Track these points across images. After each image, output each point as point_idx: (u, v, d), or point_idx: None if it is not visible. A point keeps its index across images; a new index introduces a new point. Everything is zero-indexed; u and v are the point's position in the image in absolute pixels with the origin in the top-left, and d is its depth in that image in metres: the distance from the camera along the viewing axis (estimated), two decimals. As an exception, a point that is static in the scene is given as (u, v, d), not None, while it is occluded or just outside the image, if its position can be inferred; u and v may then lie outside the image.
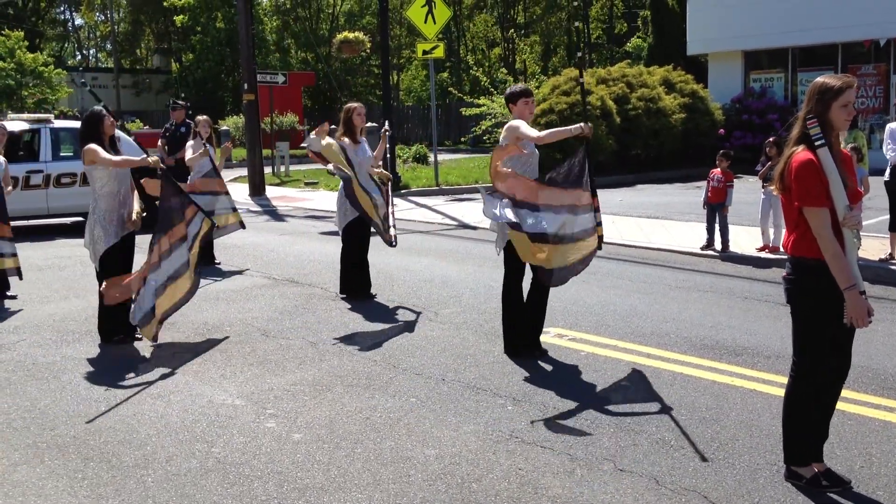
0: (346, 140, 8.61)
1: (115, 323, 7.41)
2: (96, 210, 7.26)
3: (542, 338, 7.17)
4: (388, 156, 19.87)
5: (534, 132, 6.57)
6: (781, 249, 10.54)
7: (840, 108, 4.18)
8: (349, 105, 8.87)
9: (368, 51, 39.44)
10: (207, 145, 11.01)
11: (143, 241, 7.49)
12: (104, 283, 7.10)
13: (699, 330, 7.56)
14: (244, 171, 21.88)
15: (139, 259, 7.54)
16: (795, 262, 4.31)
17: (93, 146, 7.13)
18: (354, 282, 9.05)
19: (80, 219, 14.90)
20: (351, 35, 35.00)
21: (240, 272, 10.57)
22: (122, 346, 7.32)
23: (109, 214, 7.24)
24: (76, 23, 76.68)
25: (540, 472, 4.65)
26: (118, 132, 7.98)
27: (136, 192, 7.55)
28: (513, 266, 6.81)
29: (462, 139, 38.99)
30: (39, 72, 38.76)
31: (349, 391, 6.03)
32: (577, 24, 51.17)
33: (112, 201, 7.26)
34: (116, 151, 7.37)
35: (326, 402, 5.80)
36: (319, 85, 45.30)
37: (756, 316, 8.08)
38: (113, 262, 7.31)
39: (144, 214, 7.54)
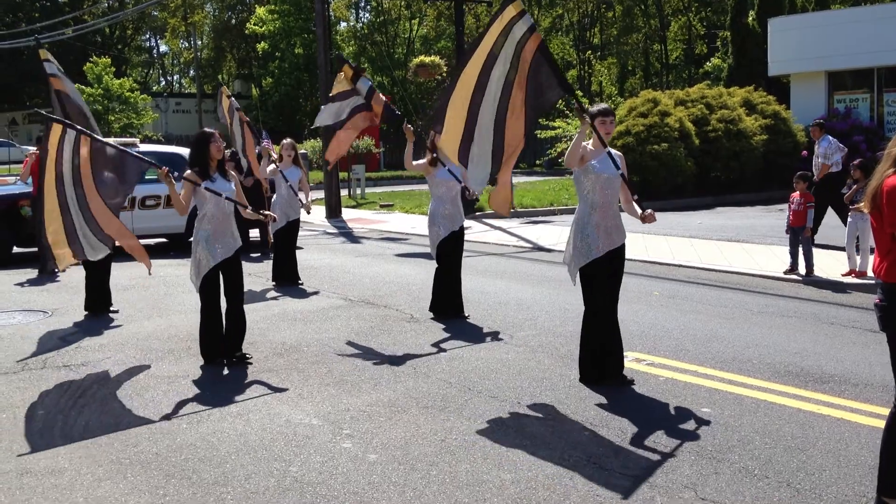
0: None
1: (216, 344, 7.44)
2: (199, 231, 7.30)
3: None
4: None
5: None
6: (869, 274, 10.23)
7: None
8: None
9: (444, 74, 39.71)
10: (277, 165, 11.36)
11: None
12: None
13: (783, 356, 7.36)
14: (321, 194, 22.22)
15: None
16: (889, 288, 4.16)
17: (190, 177, 7.17)
18: (445, 302, 9.08)
19: (164, 240, 15.32)
20: (427, 59, 35.29)
21: (316, 293, 10.68)
22: (208, 365, 7.37)
23: (212, 236, 7.26)
24: (161, 50, 79.21)
25: (618, 498, 4.56)
26: None
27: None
28: (591, 294, 6.58)
29: (537, 161, 38.95)
30: (125, 97, 40.16)
31: (424, 413, 6.03)
32: (654, 45, 50.80)
33: (210, 224, 7.26)
34: (224, 176, 7.35)
35: (402, 424, 5.80)
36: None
37: (843, 342, 7.83)
38: (214, 285, 7.34)
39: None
